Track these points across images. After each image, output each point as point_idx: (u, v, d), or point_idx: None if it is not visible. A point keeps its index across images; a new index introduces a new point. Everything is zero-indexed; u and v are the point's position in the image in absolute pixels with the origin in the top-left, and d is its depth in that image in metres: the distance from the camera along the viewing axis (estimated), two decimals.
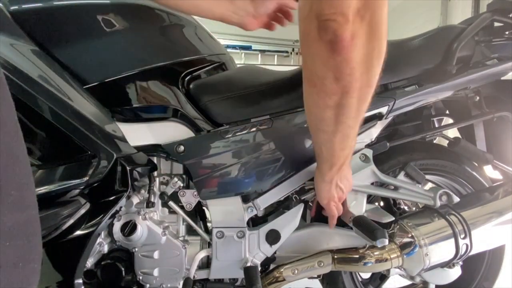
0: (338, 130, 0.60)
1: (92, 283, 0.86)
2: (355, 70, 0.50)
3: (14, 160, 0.27)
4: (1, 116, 0.27)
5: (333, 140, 0.63)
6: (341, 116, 0.57)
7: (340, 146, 0.65)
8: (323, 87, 0.54)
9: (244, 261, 0.88)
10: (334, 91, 0.53)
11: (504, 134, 1.03)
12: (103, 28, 0.79)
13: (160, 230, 0.87)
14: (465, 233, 0.85)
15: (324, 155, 0.68)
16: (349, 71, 0.50)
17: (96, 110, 0.77)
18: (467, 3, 3.51)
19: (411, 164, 0.94)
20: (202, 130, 0.86)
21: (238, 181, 0.85)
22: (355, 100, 0.55)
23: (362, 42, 0.47)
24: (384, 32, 0.49)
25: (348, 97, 0.54)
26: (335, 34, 0.46)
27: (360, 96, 0.54)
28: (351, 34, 0.46)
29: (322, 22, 0.46)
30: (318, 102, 0.57)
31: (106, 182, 0.75)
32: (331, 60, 0.49)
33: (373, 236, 0.77)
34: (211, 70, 0.94)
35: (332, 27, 0.46)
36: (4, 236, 0.26)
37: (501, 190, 0.94)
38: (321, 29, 0.47)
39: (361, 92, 0.54)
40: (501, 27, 0.91)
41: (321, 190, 0.78)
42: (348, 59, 0.49)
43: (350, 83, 0.52)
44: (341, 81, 0.52)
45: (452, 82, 0.86)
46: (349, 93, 0.53)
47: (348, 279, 1.01)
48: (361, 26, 0.46)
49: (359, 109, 0.57)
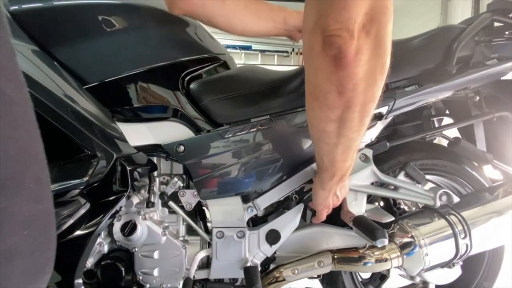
0: (340, 142, 0.60)
1: (92, 283, 0.86)
2: (358, 85, 0.50)
3: (32, 156, 0.30)
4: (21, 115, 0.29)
5: (335, 151, 0.63)
6: (343, 129, 0.58)
7: (341, 158, 0.65)
8: (326, 101, 0.54)
9: (244, 261, 0.88)
10: (336, 105, 0.53)
11: (504, 134, 1.03)
12: (103, 28, 0.79)
13: (160, 230, 0.87)
14: (465, 233, 0.85)
15: (326, 165, 0.68)
16: (352, 86, 0.50)
17: (96, 110, 0.77)
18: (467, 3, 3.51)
19: (411, 164, 0.94)
20: (202, 130, 0.86)
21: (238, 181, 0.85)
22: (358, 114, 0.55)
23: (366, 58, 0.47)
24: (388, 49, 0.49)
25: (351, 111, 0.54)
26: (340, 49, 0.46)
27: (362, 110, 0.54)
28: (355, 50, 0.46)
29: (327, 38, 0.46)
30: (320, 116, 0.57)
31: (106, 182, 0.75)
32: (334, 75, 0.49)
33: (373, 236, 0.77)
34: (211, 70, 0.94)
35: (337, 42, 0.46)
36: (22, 225, 0.27)
37: (501, 190, 0.94)
38: (325, 44, 0.47)
39: (363, 107, 0.54)
40: (501, 27, 0.91)
41: (318, 197, 0.79)
42: (351, 75, 0.49)
43: (353, 98, 0.52)
44: (343, 95, 0.52)
45: (452, 82, 0.86)
46: (351, 108, 0.53)
47: (348, 279, 1.01)
48: (365, 42, 0.46)
49: (361, 123, 0.57)
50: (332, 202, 0.79)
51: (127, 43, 0.81)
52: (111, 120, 0.81)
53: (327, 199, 0.78)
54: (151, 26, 0.84)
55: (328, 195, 0.77)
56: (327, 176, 0.71)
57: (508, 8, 0.88)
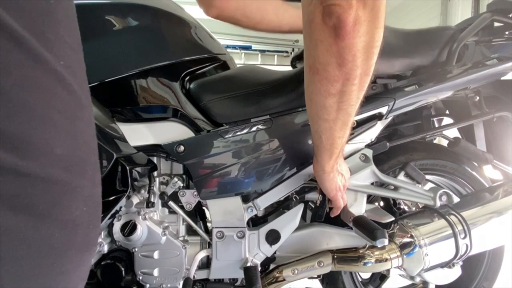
0: (338, 117, 0.62)
1: (92, 283, 0.86)
2: (357, 57, 0.52)
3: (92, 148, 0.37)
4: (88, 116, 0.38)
5: (333, 128, 0.64)
6: (342, 103, 0.59)
7: (339, 134, 0.66)
8: (326, 73, 0.55)
9: (244, 261, 0.88)
10: (336, 78, 0.55)
11: (504, 134, 1.03)
12: (103, 28, 0.79)
13: (160, 230, 0.87)
14: (465, 233, 0.85)
15: (324, 144, 0.68)
16: (352, 58, 0.52)
17: (96, 110, 0.77)
18: (467, 3, 3.52)
19: (411, 164, 0.94)
20: (202, 130, 0.86)
21: (238, 181, 0.85)
22: (356, 87, 0.56)
23: (364, 29, 0.49)
24: (382, 22, 0.51)
25: (349, 84, 0.56)
26: (339, 19, 0.48)
27: (360, 83, 0.56)
28: (354, 19, 0.48)
29: (327, 7, 0.48)
30: (321, 90, 0.58)
31: (106, 182, 0.75)
32: (334, 46, 0.51)
33: (373, 236, 0.77)
34: (211, 70, 0.94)
35: (337, 11, 0.48)
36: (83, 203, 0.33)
37: (501, 190, 0.94)
38: (325, 14, 0.49)
39: (361, 80, 0.55)
40: (501, 27, 0.91)
41: (325, 182, 0.77)
42: (350, 45, 0.50)
43: (352, 70, 0.53)
44: (343, 67, 0.53)
45: (452, 82, 0.86)
46: (350, 80, 0.55)
47: (348, 279, 1.02)
48: (363, 13, 0.48)
49: (358, 97, 0.59)
50: (341, 182, 0.78)
51: (127, 43, 0.81)
52: (111, 120, 0.81)
53: (335, 180, 0.77)
54: (151, 26, 0.84)
55: (334, 176, 0.76)
56: (326, 156, 0.71)
57: (508, 8, 0.88)
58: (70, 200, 0.32)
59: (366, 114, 0.86)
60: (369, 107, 0.85)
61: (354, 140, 0.88)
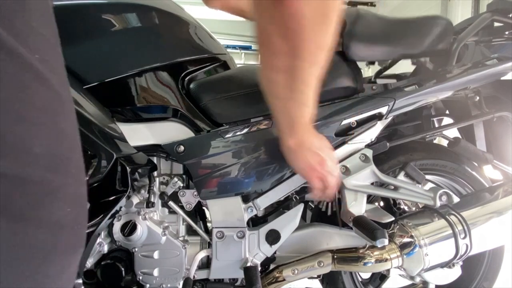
0: (293, 97, 0.57)
1: (92, 283, 0.86)
2: (303, 26, 0.47)
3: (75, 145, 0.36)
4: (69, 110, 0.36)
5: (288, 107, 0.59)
6: (294, 82, 0.54)
7: (296, 114, 0.61)
8: (270, 45, 0.51)
9: (244, 261, 0.88)
10: (281, 50, 0.50)
11: (504, 134, 1.03)
12: (103, 28, 0.79)
13: (160, 230, 0.87)
14: (465, 233, 0.85)
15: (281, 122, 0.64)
16: (297, 27, 0.47)
17: (96, 110, 0.77)
18: (467, 3, 3.51)
19: (411, 164, 0.94)
20: (202, 130, 0.86)
21: (238, 181, 0.85)
22: (308, 63, 0.51)
23: None
24: None
25: (300, 60, 0.51)
26: None
27: (313, 60, 0.51)
28: None
29: None
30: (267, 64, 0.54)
31: (106, 182, 0.75)
32: (277, 13, 0.46)
33: (373, 236, 0.77)
34: (211, 70, 0.94)
35: None
36: (67, 203, 0.32)
37: (501, 190, 0.94)
38: None
39: (314, 56, 0.50)
40: (501, 27, 0.91)
41: (293, 160, 0.72)
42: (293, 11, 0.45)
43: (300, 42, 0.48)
44: (288, 38, 0.48)
45: (452, 82, 0.86)
46: (298, 55, 0.50)
47: (348, 279, 1.01)
48: None
49: (314, 75, 0.53)
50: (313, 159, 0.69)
51: (127, 43, 0.81)
52: (111, 120, 0.81)
53: (302, 157, 0.68)
54: (151, 26, 0.84)
55: (301, 152, 0.68)
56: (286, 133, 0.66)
57: (508, 8, 0.88)
58: (52, 200, 0.31)
59: (366, 114, 0.86)
60: (369, 107, 0.85)
61: (354, 140, 0.88)
